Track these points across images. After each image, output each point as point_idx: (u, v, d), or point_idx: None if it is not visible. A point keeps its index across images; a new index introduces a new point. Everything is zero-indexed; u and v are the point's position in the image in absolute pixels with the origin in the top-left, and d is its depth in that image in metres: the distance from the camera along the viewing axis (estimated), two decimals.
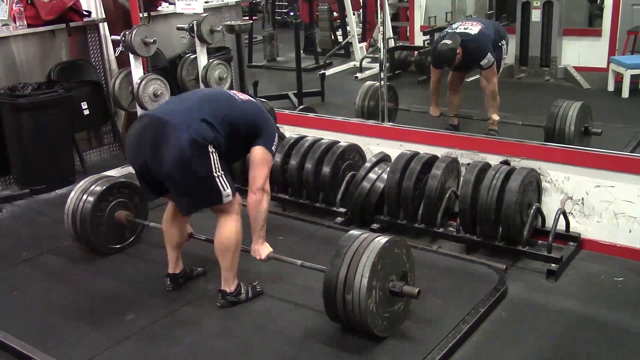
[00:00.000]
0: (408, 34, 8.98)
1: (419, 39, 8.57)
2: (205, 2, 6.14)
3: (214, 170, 2.98)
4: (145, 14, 5.62)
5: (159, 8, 6.16)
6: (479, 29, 5.14)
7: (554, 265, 3.51)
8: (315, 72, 7.94)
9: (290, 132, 4.80)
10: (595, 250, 3.75)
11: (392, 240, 2.91)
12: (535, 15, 7.09)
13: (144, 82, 5.06)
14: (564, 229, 3.79)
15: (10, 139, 4.99)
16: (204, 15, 5.37)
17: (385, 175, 4.09)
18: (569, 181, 3.82)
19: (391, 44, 8.11)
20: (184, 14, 5.54)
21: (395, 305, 2.97)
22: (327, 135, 4.63)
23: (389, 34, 8.35)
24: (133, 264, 3.83)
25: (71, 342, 3.07)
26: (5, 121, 4.95)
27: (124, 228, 3.93)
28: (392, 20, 9.13)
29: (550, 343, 2.96)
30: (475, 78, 5.83)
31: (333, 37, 9.92)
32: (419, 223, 3.97)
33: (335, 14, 9.75)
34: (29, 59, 5.34)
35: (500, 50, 5.27)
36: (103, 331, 3.14)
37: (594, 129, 4.86)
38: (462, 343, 2.94)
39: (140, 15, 5.48)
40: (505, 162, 3.94)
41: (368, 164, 4.22)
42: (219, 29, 5.44)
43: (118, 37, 5.18)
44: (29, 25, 5.29)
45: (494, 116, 5.29)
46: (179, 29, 5.68)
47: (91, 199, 3.76)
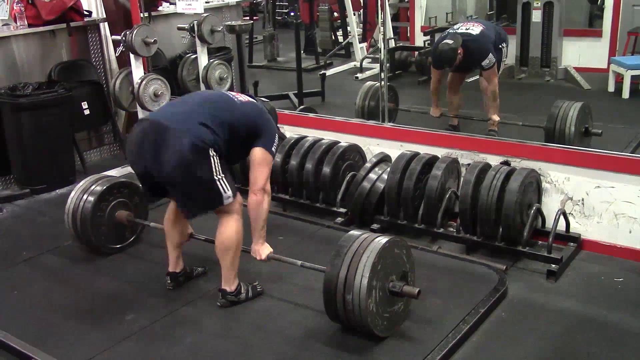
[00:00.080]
0: (408, 35, 8.98)
1: (420, 40, 8.57)
2: (206, 2, 6.14)
3: (214, 173, 2.99)
4: (146, 14, 5.62)
5: (160, 8, 6.17)
6: (480, 30, 5.14)
7: (554, 265, 3.52)
8: (315, 73, 7.92)
9: (290, 132, 4.80)
10: (595, 251, 3.75)
11: (392, 241, 2.91)
12: (536, 16, 7.08)
13: (144, 82, 5.06)
14: (564, 229, 3.79)
15: (11, 138, 5.00)
16: (205, 15, 5.37)
17: (385, 176, 4.09)
18: (569, 182, 3.82)
19: (392, 44, 8.10)
20: (185, 14, 5.54)
21: (395, 306, 2.97)
22: (328, 136, 4.63)
23: (390, 34, 8.35)
24: (133, 264, 3.83)
25: (71, 342, 3.08)
26: (5, 121, 4.96)
27: (124, 228, 3.93)
28: (393, 20, 9.12)
29: (550, 343, 2.96)
30: (476, 79, 5.82)
31: (333, 38, 9.91)
32: (419, 223, 3.97)
33: (335, 14, 9.74)
34: (29, 59, 5.34)
35: (501, 53, 5.26)
36: (103, 331, 3.14)
37: (594, 130, 4.86)
38: (462, 343, 2.94)
39: (141, 15, 5.48)
40: (506, 163, 3.94)
41: (368, 164, 4.22)
42: (219, 29, 5.45)
43: (119, 37, 5.18)
44: (30, 25, 5.30)
45: (494, 117, 5.29)
46: (179, 29, 5.68)
47: (91, 199, 3.77)
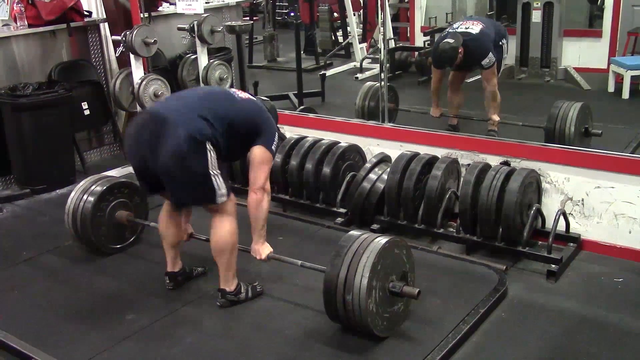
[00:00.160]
0: (408, 35, 8.98)
1: (420, 40, 8.57)
2: (206, 3, 6.14)
3: (210, 167, 2.98)
4: (146, 14, 5.62)
5: (160, 8, 6.17)
6: (480, 29, 5.13)
7: (554, 266, 3.52)
8: (315, 73, 7.93)
9: (290, 133, 4.80)
10: (595, 251, 3.75)
11: (392, 241, 2.91)
12: (536, 16, 7.08)
13: (144, 83, 5.06)
14: (564, 229, 3.79)
15: (11, 138, 5.00)
16: (205, 15, 5.37)
17: (385, 176, 4.09)
18: (569, 182, 3.82)
19: (391, 44, 8.10)
20: (185, 14, 5.54)
21: (395, 306, 2.97)
22: (328, 136, 4.63)
23: (390, 34, 8.35)
24: (133, 264, 3.83)
25: (71, 342, 3.08)
26: (6, 121, 4.96)
27: (124, 228, 3.94)
28: (393, 21, 9.13)
29: (550, 343, 2.96)
30: (476, 79, 5.82)
31: (333, 38, 9.92)
32: (419, 224, 3.97)
33: (335, 14, 9.74)
34: (29, 59, 5.34)
35: (501, 50, 5.26)
36: (103, 331, 3.14)
37: (594, 130, 4.86)
38: (462, 343, 2.94)
39: (141, 15, 5.48)
40: (506, 163, 3.94)
41: (368, 165, 4.22)
42: (219, 29, 5.45)
43: (119, 37, 5.19)
44: (30, 25, 5.30)
45: (494, 117, 5.28)
46: (179, 29, 5.69)
47: (92, 199, 3.77)
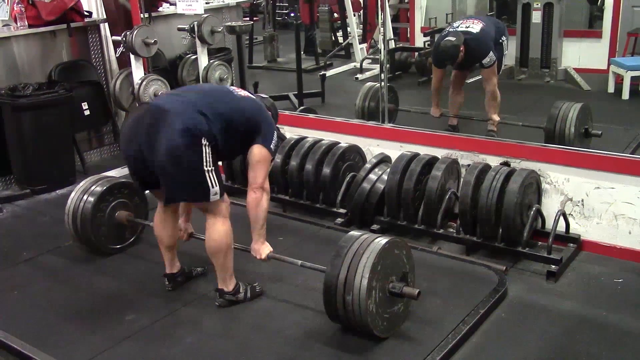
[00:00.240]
0: (408, 35, 8.98)
1: (420, 40, 8.58)
2: (206, 3, 6.15)
3: (204, 163, 2.95)
4: (146, 15, 5.62)
5: (160, 9, 6.18)
6: (480, 27, 5.12)
7: (553, 266, 3.52)
8: (315, 73, 7.92)
9: (290, 133, 4.80)
10: (595, 252, 3.75)
11: (392, 241, 2.91)
12: (536, 17, 7.08)
13: (144, 83, 5.07)
14: (564, 230, 3.80)
15: (11, 139, 5.00)
16: (205, 16, 5.37)
17: (385, 176, 4.09)
18: (569, 182, 3.82)
19: (391, 45, 8.11)
20: (185, 15, 5.54)
21: (395, 306, 2.97)
22: (328, 136, 4.63)
23: (390, 35, 8.36)
24: (133, 264, 3.83)
25: (71, 342, 3.08)
26: (6, 121, 4.96)
27: (124, 228, 3.94)
28: (393, 21, 9.14)
29: (550, 344, 2.96)
30: (476, 79, 5.82)
31: (333, 38, 9.92)
32: (419, 224, 3.97)
33: (335, 15, 9.75)
34: (29, 59, 5.35)
35: (501, 47, 5.25)
36: (103, 331, 3.14)
37: (594, 131, 4.86)
38: (462, 344, 2.94)
39: (141, 15, 5.48)
40: (506, 164, 3.94)
41: (368, 165, 4.22)
42: (219, 29, 5.45)
43: (119, 38, 5.19)
44: (30, 26, 5.30)
45: (494, 116, 5.29)
46: (179, 29, 5.69)
47: (92, 200, 3.77)
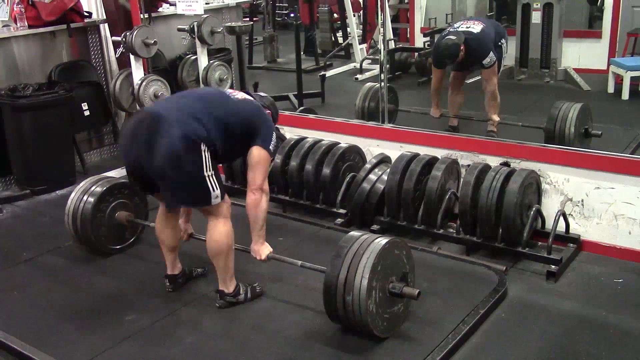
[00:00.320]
0: (408, 36, 8.99)
1: (419, 41, 8.58)
2: (206, 4, 6.14)
3: (204, 168, 2.97)
4: (146, 15, 5.62)
5: (160, 9, 6.17)
6: (481, 28, 5.15)
7: (553, 266, 3.52)
8: (315, 74, 7.92)
9: (290, 134, 4.80)
10: (595, 252, 3.75)
11: (392, 242, 2.92)
12: (536, 17, 7.08)
13: (144, 83, 5.07)
14: (564, 230, 3.80)
15: (11, 139, 5.00)
16: (205, 16, 5.38)
17: (385, 177, 4.09)
18: (569, 183, 3.82)
19: (391, 45, 8.11)
20: (185, 15, 5.55)
21: (395, 306, 2.97)
22: (328, 137, 4.63)
23: (389, 35, 8.36)
24: (133, 265, 3.83)
25: (71, 343, 3.08)
26: (6, 122, 4.96)
27: (124, 228, 3.94)
28: (393, 21, 9.14)
29: (550, 344, 2.96)
30: (476, 79, 5.82)
31: (333, 39, 9.92)
32: (419, 224, 3.98)
33: (335, 15, 9.75)
34: (29, 60, 5.34)
35: (500, 49, 5.27)
36: (103, 331, 3.15)
37: (594, 131, 4.86)
38: (462, 344, 2.94)
39: (141, 16, 5.48)
40: (505, 164, 3.94)
41: (368, 165, 4.23)
42: (219, 30, 5.45)
43: (119, 38, 5.20)
44: (30, 26, 5.30)
45: (494, 117, 5.29)
46: (179, 30, 5.69)
47: (92, 200, 3.77)
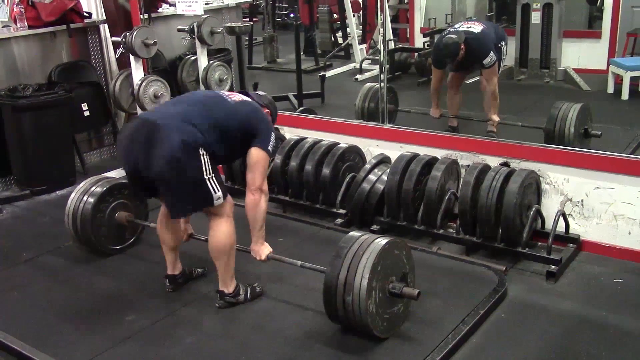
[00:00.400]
0: (408, 36, 8.98)
1: (419, 41, 8.58)
2: (206, 4, 6.14)
3: (204, 172, 2.99)
4: (146, 16, 5.62)
5: (160, 9, 6.18)
6: (481, 29, 5.18)
7: (553, 266, 3.52)
8: (315, 74, 7.92)
9: (290, 134, 4.80)
10: (594, 252, 3.75)
11: (392, 242, 2.92)
12: (535, 17, 7.08)
13: (144, 84, 5.06)
14: (564, 230, 3.80)
15: (11, 139, 5.00)
16: (205, 16, 5.37)
17: (385, 177, 4.09)
18: (569, 183, 3.83)
19: (391, 45, 8.11)
20: (185, 16, 5.54)
21: (395, 307, 2.97)
22: (327, 137, 4.63)
23: (389, 35, 8.36)
24: (133, 265, 3.83)
25: (71, 343, 3.08)
26: (6, 122, 4.96)
27: (124, 229, 3.94)
28: (392, 22, 9.14)
29: (550, 344, 2.96)
30: (475, 80, 5.83)
31: (333, 39, 9.92)
32: (419, 224, 3.98)
33: (335, 15, 9.75)
34: (29, 60, 5.34)
35: (500, 52, 5.29)
36: (103, 332, 3.15)
37: (594, 131, 4.87)
38: (462, 344, 2.95)
39: (141, 16, 5.48)
40: (505, 164, 3.94)
41: (368, 166, 4.23)
42: (219, 30, 5.45)
43: (118, 39, 5.19)
44: (30, 27, 5.30)
45: (494, 117, 5.30)
46: (179, 30, 5.68)
47: (91, 200, 3.78)
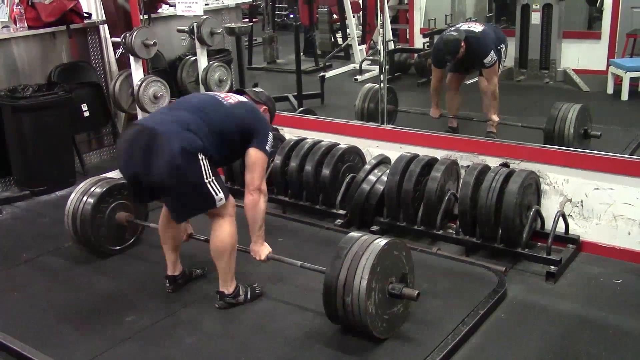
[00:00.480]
0: (408, 37, 8.99)
1: (419, 42, 8.58)
2: (206, 5, 6.15)
3: (205, 176, 3.00)
4: (146, 16, 5.63)
5: (159, 10, 6.18)
6: (482, 29, 5.21)
7: (553, 267, 3.52)
8: (315, 74, 7.92)
9: (290, 134, 4.80)
10: (594, 253, 3.76)
11: (392, 243, 2.92)
12: (535, 18, 7.08)
13: (144, 84, 5.06)
14: (564, 231, 3.80)
15: (11, 140, 5.00)
16: (204, 17, 5.37)
17: (384, 177, 4.09)
18: (569, 183, 3.83)
19: (391, 46, 8.11)
20: (184, 16, 5.54)
21: (394, 307, 2.97)
22: (327, 138, 4.63)
23: (389, 36, 8.36)
24: (133, 265, 3.83)
25: (71, 343, 3.08)
26: (5, 123, 4.96)
27: (124, 229, 3.94)
28: (392, 22, 9.13)
29: (550, 345, 2.96)
30: (475, 80, 5.82)
31: (333, 40, 9.92)
32: (419, 225, 3.98)
33: (335, 16, 9.75)
34: (29, 61, 5.34)
35: (500, 54, 5.30)
36: (103, 332, 3.15)
37: (594, 132, 4.87)
38: (462, 345, 2.95)
39: (141, 17, 5.49)
40: (505, 165, 3.94)
41: (368, 166, 4.23)
42: (219, 31, 5.44)
43: (118, 39, 5.19)
44: (30, 27, 5.30)
45: (494, 117, 5.30)
46: (179, 31, 5.68)
47: (91, 201, 3.78)
